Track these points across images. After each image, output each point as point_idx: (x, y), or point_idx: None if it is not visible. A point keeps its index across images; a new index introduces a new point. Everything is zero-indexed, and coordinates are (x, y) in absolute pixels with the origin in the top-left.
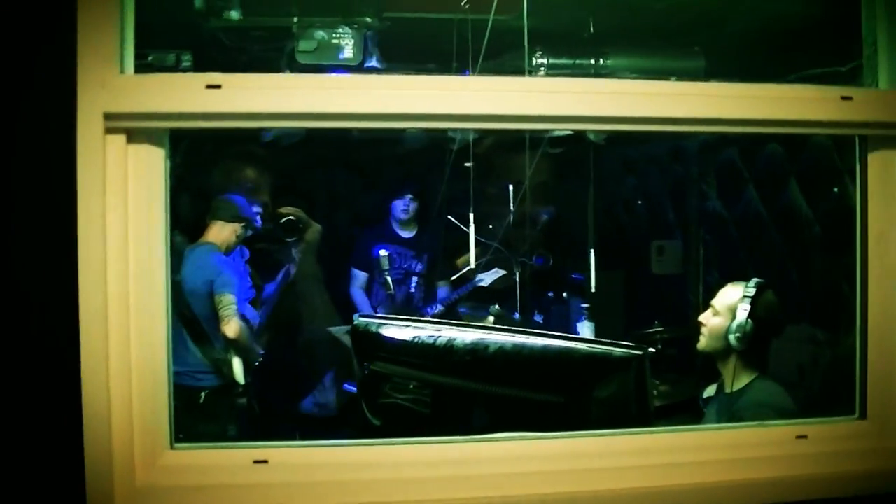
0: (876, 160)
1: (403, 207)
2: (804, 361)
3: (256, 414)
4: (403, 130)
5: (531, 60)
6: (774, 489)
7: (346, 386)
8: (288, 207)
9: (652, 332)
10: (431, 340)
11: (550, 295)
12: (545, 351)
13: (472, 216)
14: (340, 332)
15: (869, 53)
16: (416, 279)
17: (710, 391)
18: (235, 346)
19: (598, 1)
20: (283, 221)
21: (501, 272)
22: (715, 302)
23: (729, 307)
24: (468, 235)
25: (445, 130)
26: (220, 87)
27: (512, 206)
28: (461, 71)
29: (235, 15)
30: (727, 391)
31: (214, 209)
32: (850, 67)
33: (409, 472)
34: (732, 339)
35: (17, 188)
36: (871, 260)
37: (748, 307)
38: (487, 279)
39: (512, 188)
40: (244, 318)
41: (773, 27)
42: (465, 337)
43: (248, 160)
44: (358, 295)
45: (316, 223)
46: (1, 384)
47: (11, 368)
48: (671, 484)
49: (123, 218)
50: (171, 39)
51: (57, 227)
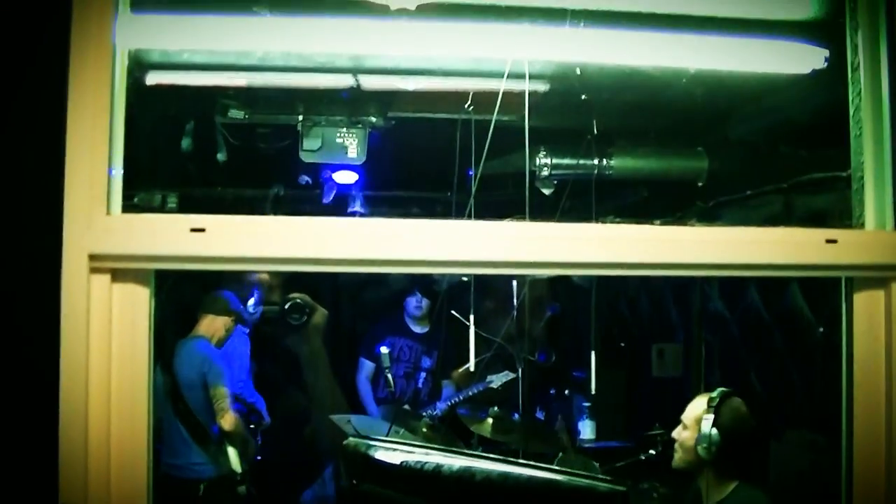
0: (861, 300)
1: (416, 304)
2: (803, 467)
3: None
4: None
5: (535, 160)
6: None
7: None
8: (295, 293)
9: (653, 433)
10: (419, 466)
11: (553, 392)
12: (530, 482)
13: (472, 318)
14: (342, 420)
15: (857, 188)
16: (423, 374)
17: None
18: (232, 438)
19: (602, 102)
20: (289, 305)
21: (511, 375)
22: (683, 416)
23: (695, 419)
24: (472, 331)
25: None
26: (203, 230)
27: (515, 301)
28: (464, 174)
29: (239, 114)
30: None
31: (205, 304)
32: (849, 174)
33: None
34: (701, 450)
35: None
36: (856, 395)
37: (712, 416)
38: (497, 381)
39: (516, 283)
40: (248, 405)
41: (777, 130)
42: (452, 463)
43: None
44: (363, 385)
45: (322, 307)
46: None
47: None
48: None
49: (107, 357)
50: (159, 180)
51: (40, 365)
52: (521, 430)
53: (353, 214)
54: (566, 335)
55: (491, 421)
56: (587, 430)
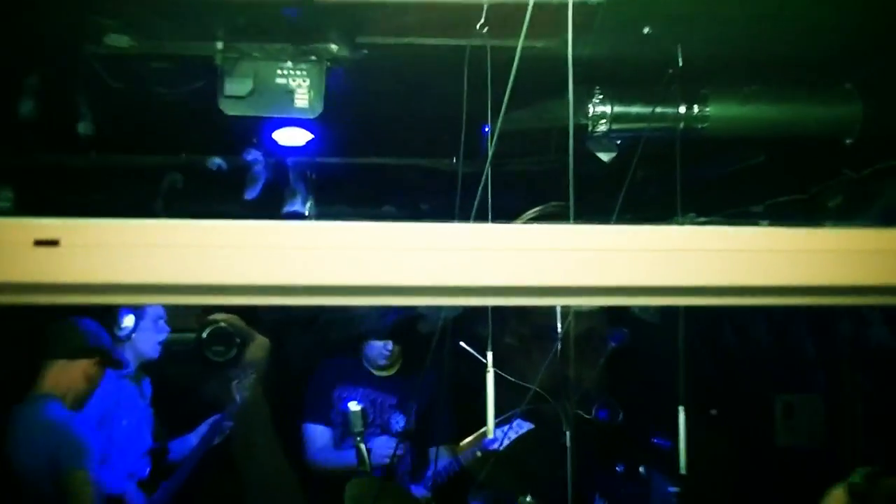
0: None
1: (383, 351)
2: None
3: None
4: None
5: (584, 109)
6: None
7: None
8: (219, 313)
9: None
10: None
11: (620, 468)
12: None
13: (490, 356)
14: None
15: None
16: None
17: None
18: None
19: (689, 19)
20: (209, 331)
21: (526, 426)
22: None
23: None
24: (490, 374)
25: None
26: (56, 242)
27: (559, 326)
28: (476, 131)
29: (124, 41)
30: None
31: (50, 342)
32: None
33: None
34: None
35: None
36: None
37: None
38: (503, 440)
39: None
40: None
41: None
42: None
43: None
44: (329, 458)
45: (261, 336)
46: None
47: None
48: None
49: None
50: None
51: None
52: None
53: (296, 214)
54: (637, 380)
55: None
56: None
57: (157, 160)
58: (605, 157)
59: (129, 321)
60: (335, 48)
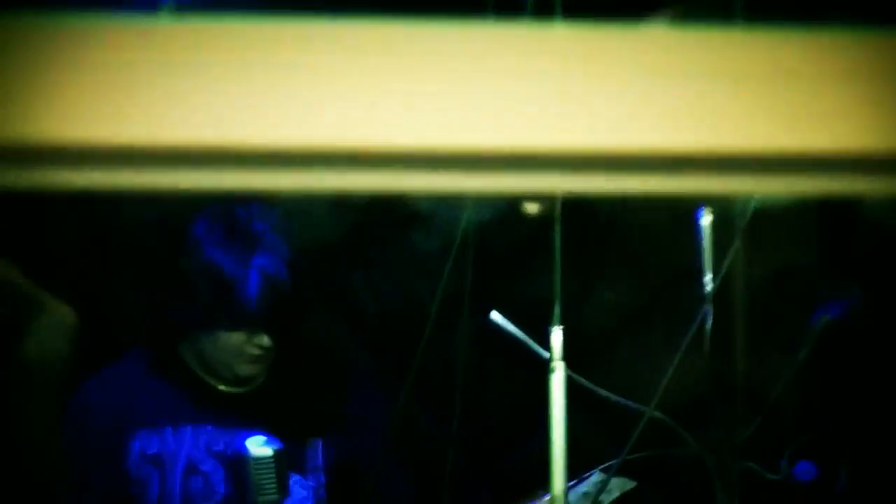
0: None
1: (250, 352)
2: None
3: None
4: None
5: None
6: None
7: None
8: None
9: None
10: None
11: None
12: None
13: (556, 333)
14: None
15: None
16: None
17: None
18: None
19: None
20: None
21: (625, 484)
22: None
23: None
24: (550, 374)
25: None
26: None
27: (707, 289)
28: None
29: None
30: None
31: None
32: None
33: None
34: None
35: None
36: None
37: None
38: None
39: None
40: None
41: None
42: None
43: None
44: None
45: (61, 303)
46: None
47: None
48: None
49: None
50: None
51: None
52: None
53: None
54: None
55: None
56: None
57: None
58: None
59: None
60: None
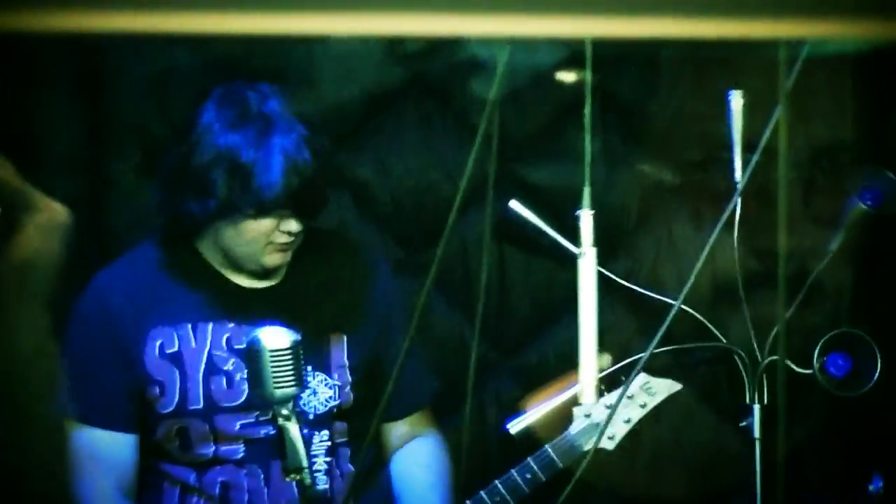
0: None
1: (280, 239)
2: None
3: None
4: None
5: None
6: None
7: None
8: None
9: None
10: None
11: (875, 485)
12: None
13: (585, 216)
14: None
15: None
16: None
17: None
18: None
19: None
20: None
21: (672, 387)
22: None
23: None
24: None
25: None
26: None
27: (739, 174)
28: None
29: None
30: None
31: None
32: None
33: None
34: None
35: None
36: None
37: None
38: (641, 400)
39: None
40: None
41: None
42: None
43: None
44: None
45: (53, 201)
46: None
47: None
48: None
49: None
50: None
51: None
52: None
53: None
54: None
55: None
56: None
57: None
58: None
59: None
60: None
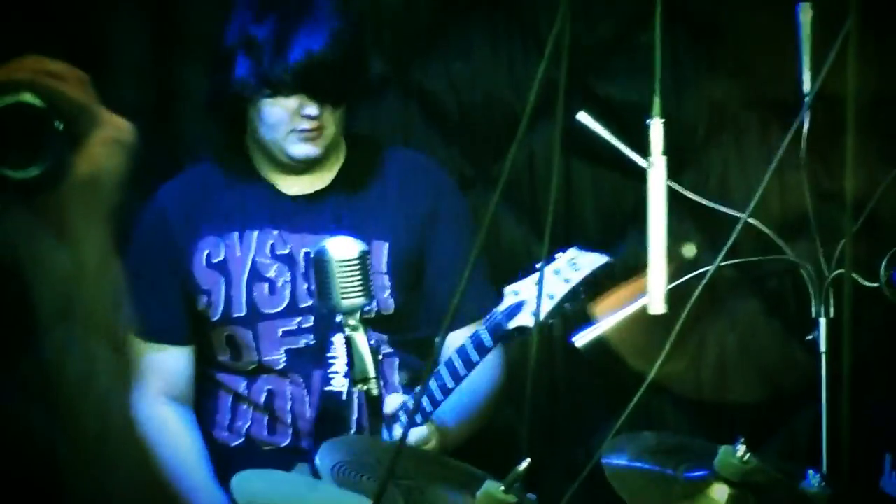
0: None
1: (305, 125)
2: None
3: None
4: None
5: None
6: None
7: None
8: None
9: None
10: None
11: None
12: None
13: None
14: None
15: None
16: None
17: None
18: None
19: None
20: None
21: (596, 260)
22: None
23: None
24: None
25: None
26: None
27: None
28: None
29: None
30: None
31: None
32: None
33: None
34: None
35: None
36: None
37: None
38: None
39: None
40: None
41: None
42: None
43: None
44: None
45: (119, 118)
46: None
47: None
48: None
49: None
50: None
51: None
52: None
53: None
54: None
55: None
56: None
57: None
58: None
59: None
60: None
